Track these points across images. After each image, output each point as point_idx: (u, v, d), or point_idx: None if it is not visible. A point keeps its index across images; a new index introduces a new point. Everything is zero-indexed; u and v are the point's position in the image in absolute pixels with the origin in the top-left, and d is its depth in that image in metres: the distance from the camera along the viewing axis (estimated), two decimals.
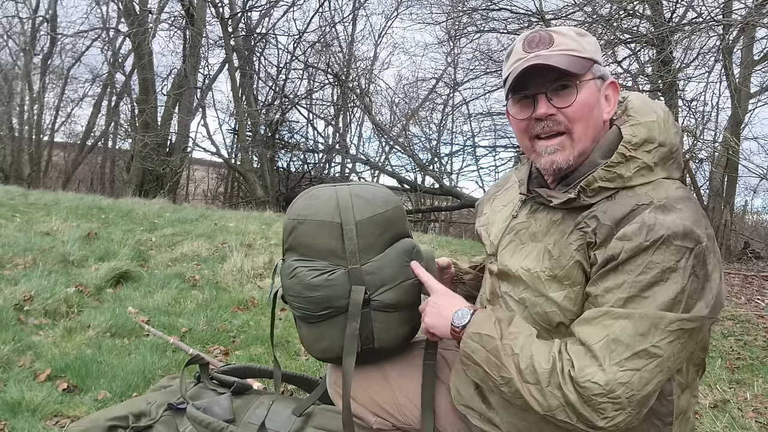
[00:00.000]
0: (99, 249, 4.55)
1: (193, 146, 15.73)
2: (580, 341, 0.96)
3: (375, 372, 1.32)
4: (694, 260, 0.94)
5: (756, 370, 3.00)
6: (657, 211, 0.97)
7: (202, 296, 3.63)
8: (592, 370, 0.92)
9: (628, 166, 1.03)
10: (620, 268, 0.96)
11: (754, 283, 5.21)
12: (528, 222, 1.15)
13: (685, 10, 6.34)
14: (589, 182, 1.04)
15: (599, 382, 0.91)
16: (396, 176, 15.46)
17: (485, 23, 8.15)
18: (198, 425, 1.58)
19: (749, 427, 2.31)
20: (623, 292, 0.95)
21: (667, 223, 0.95)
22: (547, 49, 1.06)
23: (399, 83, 17.84)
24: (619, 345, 0.92)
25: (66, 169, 17.37)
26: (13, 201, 7.12)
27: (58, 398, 2.13)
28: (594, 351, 0.93)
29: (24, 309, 3.06)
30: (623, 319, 0.93)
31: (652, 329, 0.92)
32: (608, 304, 0.95)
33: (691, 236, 0.94)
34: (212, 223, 6.81)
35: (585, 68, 1.05)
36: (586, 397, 0.91)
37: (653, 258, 0.94)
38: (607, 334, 0.93)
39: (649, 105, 1.10)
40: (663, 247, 0.94)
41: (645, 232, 0.95)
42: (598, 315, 0.96)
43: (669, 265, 0.93)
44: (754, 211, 13.35)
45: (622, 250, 0.96)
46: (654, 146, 1.04)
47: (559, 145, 1.07)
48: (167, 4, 14.73)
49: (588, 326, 0.96)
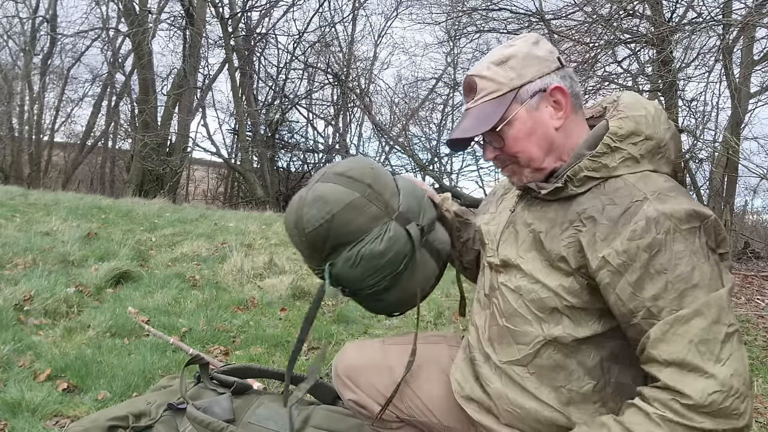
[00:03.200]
0: (99, 249, 4.55)
1: (193, 146, 15.75)
2: (668, 362, 0.94)
3: (380, 362, 1.35)
4: (705, 235, 0.97)
5: (756, 370, 3.00)
6: (655, 203, 0.98)
7: (202, 296, 3.63)
8: (702, 384, 0.91)
9: (613, 156, 1.07)
10: (650, 270, 0.96)
11: (754, 283, 5.21)
12: (523, 213, 1.19)
13: (685, 10, 6.33)
14: (575, 172, 1.08)
15: (717, 389, 0.90)
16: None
17: (485, 23, 8.13)
18: (198, 425, 1.58)
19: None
20: (673, 292, 0.95)
21: (669, 211, 0.97)
22: (472, 100, 1.17)
23: (399, 83, 17.88)
24: (706, 344, 0.92)
25: (66, 169, 17.39)
26: (13, 201, 7.12)
27: (58, 398, 2.12)
28: (690, 363, 0.92)
29: (24, 309, 3.06)
30: (694, 317, 0.93)
31: (721, 311, 0.93)
32: (666, 310, 0.95)
33: (695, 216, 0.97)
34: (212, 223, 6.81)
35: (505, 106, 1.12)
36: (716, 411, 0.90)
37: (675, 248, 0.95)
38: (690, 340, 0.92)
39: (640, 101, 1.14)
40: (677, 235, 0.96)
41: (654, 226, 0.96)
42: (667, 328, 0.95)
43: (693, 248, 0.96)
44: (754, 211, 13.35)
45: (638, 249, 0.96)
46: (640, 139, 1.07)
47: (510, 171, 1.18)
48: (167, 4, 14.76)
49: (666, 344, 0.94)
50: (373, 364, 1.35)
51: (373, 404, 1.33)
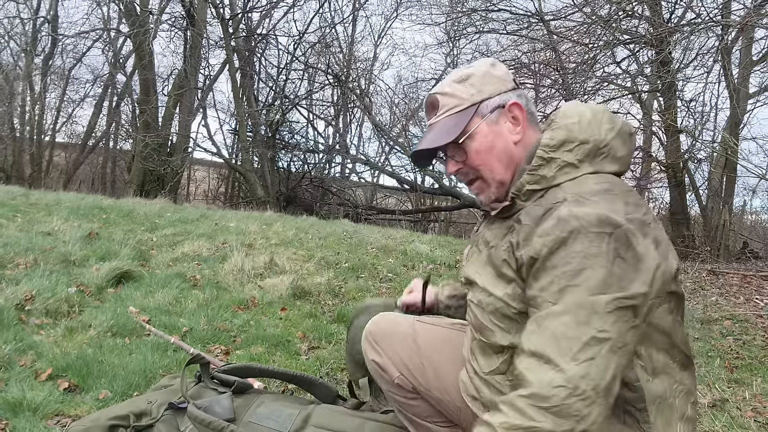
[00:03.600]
0: (100, 249, 4.56)
1: (194, 146, 15.75)
2: (530, 352, 0.97)
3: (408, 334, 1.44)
4: (616, 243, 0.97)
5: (755, 369, 3.01)
6: (571, 205, 1.01)
7: (203, 296, 3.64)
8: (550, 375, 0.92)
9: (550, 166, 1.11)
10: (546, 264, 1.00)
11: (752, 283, 5.22)
12: (484, 232, 1.24)
13: (683, 10, 6.35)
14: (518, 188, 1.13)
15: (562, 384, 0.91)
16: (396, 176, 15.48)
17: (484, 24, 8.15)
18: (199, 424, 1.59)
19: (748, 426, 2.32)
20: (554, 286, 0.98)
21: (581, 215, 0.99)
22: (435, 116, 1.22)
23: (399, 84, 17.89)
24: (568, 341, 0.93)
25: (67, 169, 17.40)
26: (15, 201, 7.13)
27: (59, 398, 2.13)
28: (546, 355, 0.94)
29: (25, 309, 3.07)
30: (564, 315, 0.95)
31: (592, 315, 0.94)
32: (545, 303, 0.99)
33: (606, 222, 0.98)
34: (213, 223, 6.83)
35: (466, 119, 1.17)
36: (558, 409, 0.90)
37: (573, 248, 0.97)
38: (553, 333, 0.95)
39: (576, 108, 1.16)
40: (581, 236, 0.97)
41: (560, 224, 0.99)
42: (540, 320, 0.98)
43: (591, 252, 0.96)
44: (753, 211, 13.36)
45: (542, 246, 1.00)
46: (575, 144, 1.11)
47: (477, 188, 1.23)
48: (168, 4, 14.79)
49: (534, 335, 0.98)
50: (402, 335, 1.44)
51: (393, 369, 1.42)
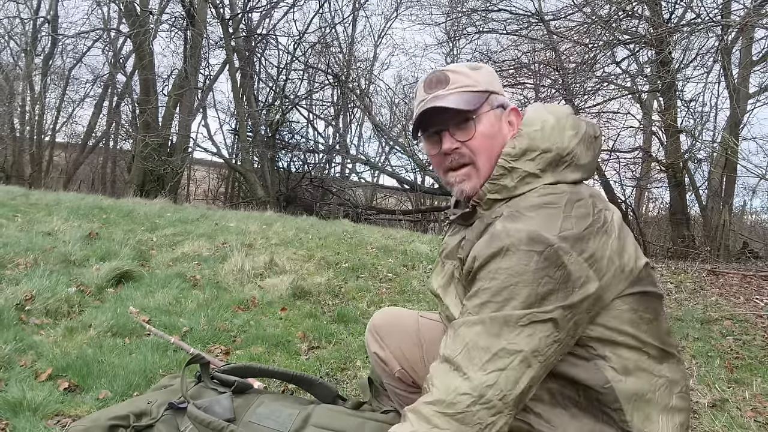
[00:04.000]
0: (100, 249, 4.56)
1: (194, 146, 15.76)
2: (444, 358, 0.97)
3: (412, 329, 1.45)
4: (545, 262, 0.96)
5: (755, 369, 3.01)
6: (505, 221, 1.02)
7: (203, 296, 3.64)
8: (457, 382, 0.93)
9: (511, 176, 1.09)
10: (476, 278, 1.01)
11: (752, 283, 5.22)
12: (448, 241, 1.22)
13: (683, 10, 6.35)
14: (480, 196, 1.12)
15: (467, 391, 0.91)
16: (396, 176, 15.49)
17: (484, 24, 8.15)
18: (199, 424, 1.59)
19: (748, 426, 2.31)
20: (478, 299, 0.98)
21: (512, 231, 0.99)
22: (444, 89, 1.13)
23: (399, 84, 17.87)
24: (478, 350, 0.94)
25: (67, 169, 17.41)
26: (15, 201, 7.13)
27: (59, 398, 2.13)
28: (456, 363, 0.94)
29: (25, 309, 3.07)
30: (477, 325, 0.96)
31: (504, 328, 0.94)
32: (465, 313, 0.99)
33: (537, 240, 0.97)
34: (213, 223, 6.83)
35: (480, 101, 1.12)
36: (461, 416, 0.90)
37: (501, 264, 0.97)
38: (466, 343, 0.95)
39: (539, 114, 1.15)
40: (510, 254, 0.97)
41: (493, 241, 1.00)
42: (457, 327, 0.99)
43: (517, 270, 0.96)
44: (753, 211, 13.36)
45: (475, 260, 1.01)
46: (537, 153, 1.09)
47: (465, 175, 1.15)
48: (168, 4, 14.79)
49: (449, 341, 0.98)
50: (405, 329, 1.46)
51: (395, 363, 1.44)
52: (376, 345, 1.49)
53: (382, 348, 1.47)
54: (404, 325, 1.47)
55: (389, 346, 1.46)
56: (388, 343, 1.46)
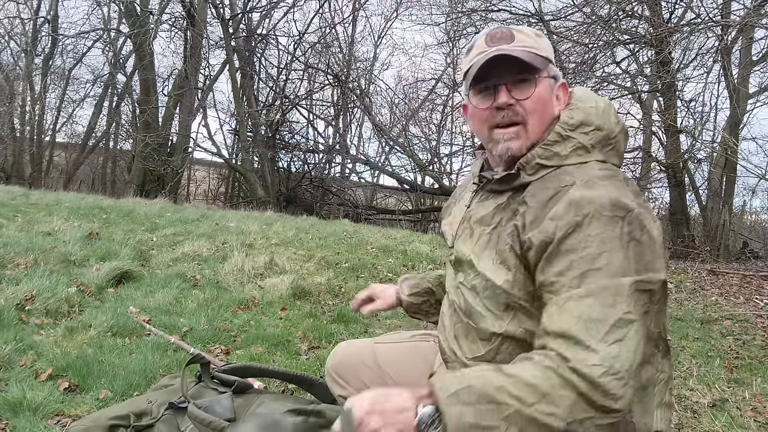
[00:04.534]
0: (100, 249, 4.56)
1: (194, 146, 15.77)
2: (556, 334, 0.95)
3: (369, 360, 1.40)
4: (629, 226, 0.96)
5: (755, 369, 3.01)
6: (581, 188, 1.00)
7: (203, 296, 3.65)
8: (584, 355, 0.91)
9: (565, 145, 1.08)
10: (561, 248, 0.98)
11: (752, 283, 5.22)
12: (477, 209, 1.18)
13: (683, 10, 6.35)
14: (527, 159, 1.09)
15: (597, 363, 0.90)
16: (396, 176, 15.50)
17: (484, 24, 8.14)
18: (199, 424, 1.59)
19: (748, 426, 2.32)
20: (574, 271, 0.96)
21: (594, 197, 0.97)
22: (508, 44, 1.11)
23: (399, 84, 17.87)
24: (595, 323, 0.92)
25: (67, 169, 17.41)
26: (15, 201, 7.13)
27: (59, 397, 2.13)
28: (575, 337, 0.92)
29: (25, 309, 3.07)
30: (586, 297, 0.94)
31: (617, 297, 0.93)
32: (565, 288, 0.96)
33: (618, 205, 0.97)
34: (213, 223, 6.83)
35: (543, 65, 1.11)
36: (595, 384, 0.89)
37: (589, 231, 0.96)
38: (579, 316, 0.93)
39: (591, 95, 1.16)
40: (595, 220, 0.96)
41: (574, 208, 0.98)
42: (562, 303, 0.96)
43: (607, 235, 0.95)
44: (753, 211, 13.36)
45: (556, 229, 0.98)
46: (591, 128, 1.10)
47: (514, 133, 1.11)
48: (168, 5, 14.78)
49: (558, 317, 0.96)
50: (363, 362, 1.41)
51: None
52: (338, 387, 1.43)
53: (344, 388, 1.41)
54: (361, 359, 1.41)
55: (351, 384, 1.40)
56: (350, 381, 1.40)
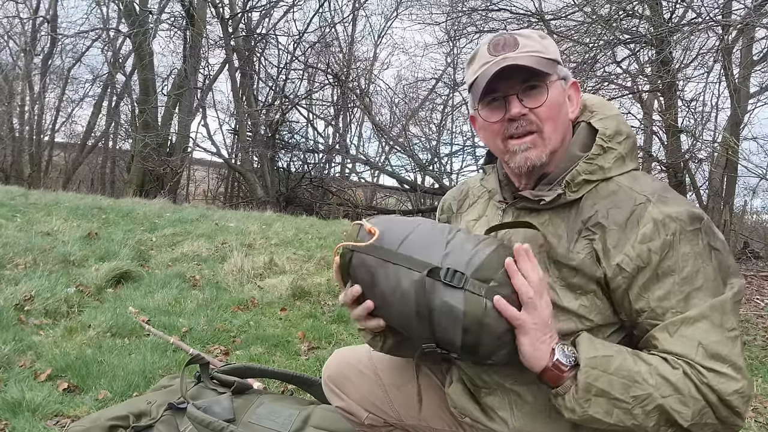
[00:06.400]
0: (99, 249, 4.56)
1: (194, 146, 15.74)
2: (678, 355, 0.95)
3: (367, 369, 1.36)
4: (707, 237, 0.98)
5: (755, 369, 3.01)
6: (659, 205, 0.99)
7: (203, 296, 3.64)
8: (714, 377, 0.93)
9: (607, 157, 1.06)
10: (659, 272, 0.97)
11: (753, 283, 5.22)
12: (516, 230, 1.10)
13: (684, 10, 6.34)
14: (573, 176, 1.05)
15: (739, 389, 0.93)
16: (396, 176, 15.48)
17: (485, 24, 8.13)
18: (198, 425, 1.59)
19: (748, 426, 2.31)
20: (679, 294, 0.96)
21: (673, 214, 0.97)
22: (513, 52, 1.06)
23: (399, 83, 17.80)
24: (716, 345, 0.93)
25: (66, 169, 17.39)
26: (14, 201, 7.12)
27: (58, 398, 2.13)
28: (701, 363, 0.93)
29: (24, 309, 3.07)
30: (699, 320, 0.94)
31: (724, 315, 0.95)
32: (671, 311, 0.96)
33: (694, 216, 0.98)
34: (213, 223, 6.82)
35: (551, 69, 1.07)
36: (725, 401, 0.92)
37: (682, 250, 0.96)
38: (698, 342, 0.94)
39: (605, 101, 1.15)
40: (683, 237, 0.96)
41: (662, 228, 0.97)
42: (675, 329, 0.95)
43: (696, 251, 0.96)
44: (754, 211, 13.33)
45: (650, 252, 0.97)
46: (623, 137, 1.08)
47: (531, 142, 1.06)
48: (167, 4, 14.78)
49: (675, 341, 0.95)
50: (360, 371, 1.36)
51: (360, 410, 1.34)
52: (336, 398, 1.38)
53: (342, 399, 1.36)
54: (359, 368, 1.36)
55: (350, 394, 1.35)
56: (348, 392, 1.35)
